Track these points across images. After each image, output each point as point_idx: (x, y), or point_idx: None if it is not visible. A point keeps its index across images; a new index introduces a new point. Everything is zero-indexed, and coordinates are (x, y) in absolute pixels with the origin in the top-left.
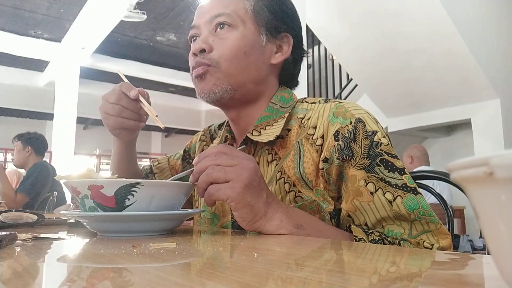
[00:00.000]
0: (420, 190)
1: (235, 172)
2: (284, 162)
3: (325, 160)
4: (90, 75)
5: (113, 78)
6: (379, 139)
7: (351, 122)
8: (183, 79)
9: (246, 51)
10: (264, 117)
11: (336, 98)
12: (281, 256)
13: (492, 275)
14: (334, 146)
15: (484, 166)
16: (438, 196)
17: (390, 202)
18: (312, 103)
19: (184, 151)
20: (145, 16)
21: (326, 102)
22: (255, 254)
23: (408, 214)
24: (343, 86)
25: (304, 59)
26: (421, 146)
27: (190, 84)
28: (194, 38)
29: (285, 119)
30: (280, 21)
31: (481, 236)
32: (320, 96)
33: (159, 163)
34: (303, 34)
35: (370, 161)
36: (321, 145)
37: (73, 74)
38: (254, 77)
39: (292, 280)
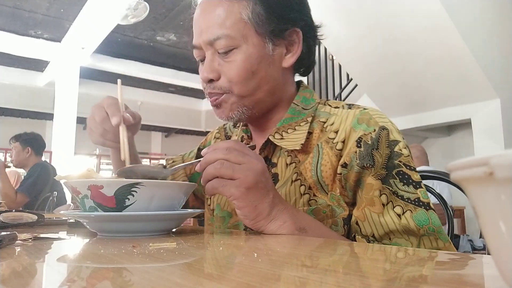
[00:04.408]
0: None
1: (243, 171)
2: (302, 164)
3: (344, 165)
4: (90, 75)
5: (113, 78)
6: (400, 150)
7: (374, 130)
8: (183, 79)
9: (254, 70)
10: (286, 119)
11: (336, 99)
12: (282, 256)
13: (492, 275)
14: (356, 152)
15: (484, 166)
16: (438, 196)
17: (399, 215)
18: (335, 107)
19: (199, 149)
20: (147, 7)
21: (350, 108)
22: (255, 254)
23: (417, 229)
24: (343, 86)
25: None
26: (420, 146)
27: (190, 84)
28: (200, 59)
29: (308, 124)
30: (283, 21)
31: (481, 236)
32: (320, 96)
33: (173, 162)
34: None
35: (386, 172)
36: (341, 149)
37: (73, 74)
38: (268, 90)
39: (293, 280)
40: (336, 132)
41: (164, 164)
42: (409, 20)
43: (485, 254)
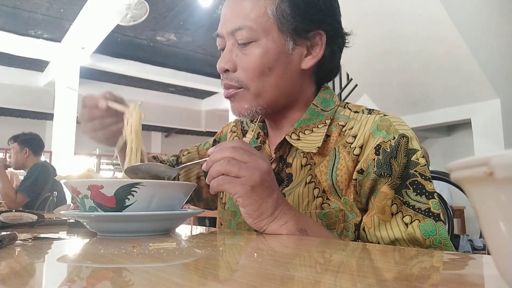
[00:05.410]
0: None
1: (249, 169)
2: (318, 167)
3: (361, 172)
4: (90, 75)
5: (113, 78)
6: (417, 159)
7: (394, 137)
8: (183, 79)
9: (270, 67)
10: (304, 120)
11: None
12: (282, 256)
13: (492, 275)
14: (374, 160)
15: (484, 166)
16: (438, 196)
17: (406, 224)
18: (355, 112)
19: (214, 141)
20: (147, 7)
21: (370, 114)
22: (255, 254)
23: (423, 239)
24: (343, 86)
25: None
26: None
27: (190, 84)
28: (221, 47)
29: (326, 126)
30: (308, 21)
31: (481, 236)
32: None
33: (189, 153)
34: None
35: (400, 182)
36: (358, 155)
37: (73, 74)
38: (284, 90)
39: (292, 280)
40: (355, 136)
41: (177, 154)
42: (409, 20)
43: (485, 254)
